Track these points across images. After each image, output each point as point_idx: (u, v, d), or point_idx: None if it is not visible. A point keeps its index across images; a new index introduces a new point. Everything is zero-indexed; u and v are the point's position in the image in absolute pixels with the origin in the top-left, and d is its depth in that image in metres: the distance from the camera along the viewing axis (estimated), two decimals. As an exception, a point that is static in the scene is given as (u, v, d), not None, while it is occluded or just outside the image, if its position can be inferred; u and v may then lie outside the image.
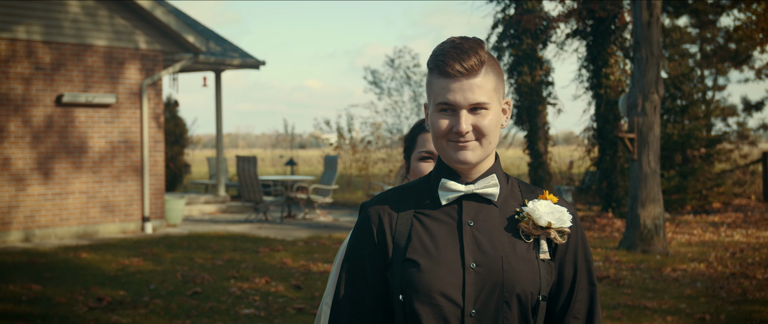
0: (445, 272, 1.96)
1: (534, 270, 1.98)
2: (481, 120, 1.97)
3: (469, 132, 1.97)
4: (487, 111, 1.98)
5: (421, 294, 1.96)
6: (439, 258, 1.98)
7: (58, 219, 13.68)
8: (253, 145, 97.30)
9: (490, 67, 1.99)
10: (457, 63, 1.95)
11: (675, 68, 18.77)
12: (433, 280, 1.96)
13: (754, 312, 8.01)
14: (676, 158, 18.47)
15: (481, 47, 1.98)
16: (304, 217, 17.18)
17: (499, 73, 2.01)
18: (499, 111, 2.02)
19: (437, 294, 1.95)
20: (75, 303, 8.35)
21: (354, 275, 2.08)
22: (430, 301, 1.96)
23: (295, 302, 8.48)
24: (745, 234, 14.06)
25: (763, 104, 27.21)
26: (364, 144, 24.66)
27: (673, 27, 24.27)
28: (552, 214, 2.00)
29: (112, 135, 14.35)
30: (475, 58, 1.95)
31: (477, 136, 1.98)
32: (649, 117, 12.31)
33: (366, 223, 2.08)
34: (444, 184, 2.02)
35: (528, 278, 1.97)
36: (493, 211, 2.02)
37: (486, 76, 1.97)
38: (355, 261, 2.08)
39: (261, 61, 18.46)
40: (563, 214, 2.02)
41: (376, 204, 2.10)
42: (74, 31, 13.78)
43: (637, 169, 12.40)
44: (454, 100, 1.96)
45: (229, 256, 11.45)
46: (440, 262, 1.97)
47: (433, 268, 1.97)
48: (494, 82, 2.00)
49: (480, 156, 1.99)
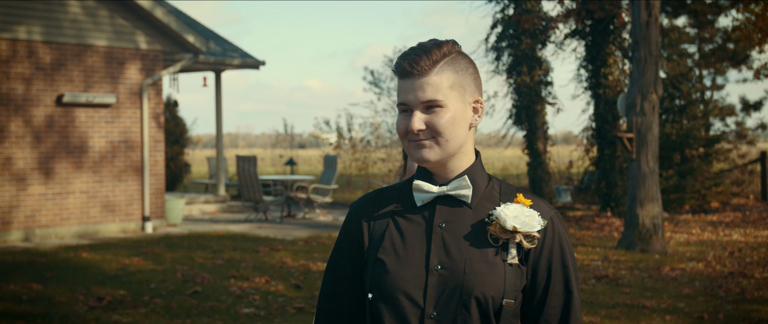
0: (409, 273, 1.99)
1: (499, 274, 1.96)
2: (435, 118, 1.97)
3: (422, 130, 1.98)
4: (442, 109, 1.97)
5: (385, 293, 2.00)
6: (406, 259, 2.00)
7: (59, 219, 13.72)
8: (253, 145, 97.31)
9: (449, 65, 1.99)
10: (406, 62, 1.98)
11: (673, 68, 18.80)
12: (397, 281, 1.99)
13: (752, 311, 8.03)
14: (674, 158, 18.50)
15: (439, 47, 1.99)
16: (303, 216, 17.21)
17: (462, 70, 2.01)
18: (460, 109, 2.00)
19: (400, 294, 1.98)
20: (75, 302, 8.37)
21: (335, 272, 2.13)
22: (393, 301, 1.98)
23: (294, 301, 8.50)
24: (743, 233, 14.09)
25: (762, 104, 27.24)
26: (364, 144, 24.70)
27: (671, 27, 24.29)
28: (518, 218, 1.96)
29: (112, 135, 14.38)
30: (426, 57, 1.97)
31: (432, 134, 1.98)
32: (647, 117, 12.33)
33: (348, 222, 2.13)
34: (417, 185, 2.04)
35: (490, 282, 1.95)
36: (467, 213, 2.02)
37: (440, 74, 1.97)
38: (337, 258, 2.14)
39: (261, 61, 18.50)
40: (533, 218, 1.98)
41: (359, 204, 2.14)
42: (74, 31, 13.82)
43: (635, 168, 12.43)
44: (406, 99, 1.99)
45: (229, 256, 11.47)
46: (406, 263, 2.00)
47: (397, 269, 2.00)
48: (451, 80, 1.99)
49: (439, 155, 1.99)
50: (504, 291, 1.95)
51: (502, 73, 19.56)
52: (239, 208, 18.58)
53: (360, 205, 2.14)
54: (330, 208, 19.58)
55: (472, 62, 2.06)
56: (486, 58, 19.80)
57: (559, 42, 19.17)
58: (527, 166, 19.61)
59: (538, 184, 19.19)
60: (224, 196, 18.81)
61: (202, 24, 19.44)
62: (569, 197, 19.05)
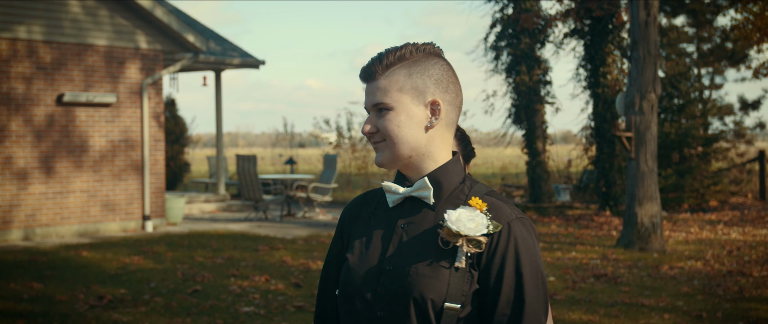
0: (364, 272, 2.03)
1: (442, 277, 1.94)
2: (383, 121, 2.01)
3: (373, 134, 2.03)
4: (389, 111, 2.00)
5: (343, 290, 2.06)
6: (366, 258, 2.04)
7: (59, 218, 13.75)
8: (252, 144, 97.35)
9: (403, 68, 2.01)
10: (362, 68, 2.05)
11: (672, 67, 18.83)
12: (354, 278, 2.04)
13: (750, 309, 8.05)
14: (673, 157, 18.53)
15: (395, 52, 2.02)
16: (303, 215, 17.24)
17: (419, 72, 2.01)
18: (412, 111, 2.00)
19: (354, 292, 2.03)
20: (76, 301, 8.39)
21: (325, 274, 2.20)
22: (348, 298, 2.04)
23: (294, 300, 8.52)
24: (741, 232, 14.12)
25: (760, 103, 27.25)
26: (364, 143, 24.73)
27: (670, 26, 24.33)
28: (461, 221, 1.93)
29: (112, 134, 14.41)
30: (378, 63, 2.01)
31: (382, 137, 2.02)
32: (646, 116, 12.36)
33: (338, 225, 2.21)
34: (386, 186, 2.07)
35: (431, 285, 1.93)
36: (429, 215, 2.02)
37: (390, 78, 2.00)
38: (327, 261, 2.21)
39: (261, 61, 18.52)
40: (477, 222, 1.94)
41: (348, 206, 2.21)
42: (75, 30, 13.85)
43: (634, 167, 12.46)
44: (364, 104, 2.06)
45: (229, 255, 11.50)
46: (365, 262, 2.04)
47: (356, 267, 2.04)
48: (402, 83, 2.00)
49: (389, 157, 2.02)
50: (446, 294, 1.93)
51: (501, 73, 19.59)
52: (239, 207, 18.61)
53: (348, 208, 2.20)
54: (329, 207, 19.61)
55: (439, 63, 2.03)
56: (485, 57, 19.83)
57: (558, 41, 19.20)
58: (526, 165, 19.64)
59: (537, 183, 19.23)
60: (224, 195, 18.84)
61: (201, 23, 19.47)
62: (568, 196, 19.09)
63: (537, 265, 1.98)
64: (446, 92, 2.02)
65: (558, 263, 10.90)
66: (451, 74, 2.04)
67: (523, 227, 1.98)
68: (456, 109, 2.05)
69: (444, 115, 2.02)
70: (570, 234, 14.09)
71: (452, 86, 2.04)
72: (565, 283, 9.45)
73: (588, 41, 18.19)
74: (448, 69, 2.04)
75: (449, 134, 2.05)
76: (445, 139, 2.04)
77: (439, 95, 2.01)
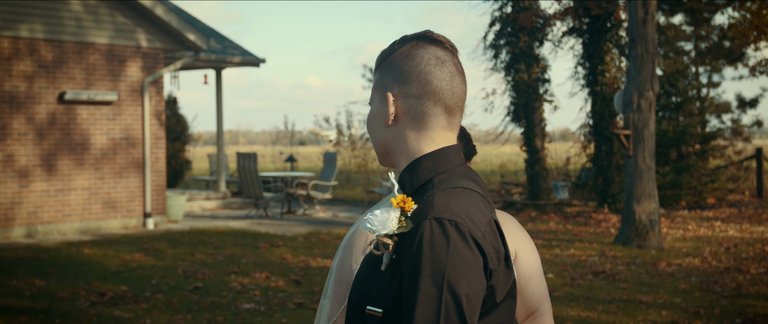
0: None
1: (372, 279, 1.80)
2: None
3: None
4: (370, 107, 1.95)
5: None
6: None
7: (61, 215, 13.81)
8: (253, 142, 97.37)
9: (384, 66, 1.92)
10: None
11: (670, 65, 18.88)
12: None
13: (748, 306, 8.09)
14: (671, 154, 18.58)
15: (381, 53, 1.95)
16: (303, 212, 17.29)
17: (387, 67, 1.90)
18: (376, 108, 1.91)
19: None
20: (77, 298, 8.43)
21: None
22: None
23: (294, 297, 8.56)
24: (739, 229, 14.16)
25: (757, 101, 27.29)
26: (363, 141, 24.78)
27: (668, 25, 24.36)
28: (371, 220, 1.76)
29: (113, 132, 14.47)
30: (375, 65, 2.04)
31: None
32: (644, 114, 12.40)
33: None
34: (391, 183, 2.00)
35: (361, 286, 1.83)
36: None
37: (375, 78, 1.98)
38: None
39: (261, 59, 18.58)
40: (387, 222, 1.75)
41: None
42: (76, 29, 13.91)
43: (632, 165, 12.50)
44: None
45: (229, 252, 11.55)
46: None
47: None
48: (376, 81, 1.94)
49: (376, 154, 1.95)
50: (366, 296, 1.79)
51: (500, 71, 19.65)
52: (239, 204, 18.67)
53: None
54: (329, 204, 19.67)
55: (413, 53, 1.87)
56: (484, 55, 19.88)
57: (556, 40, 19.25)
58: (525, 163, 19.69)
59: (536, 180, 19.29)
60: (225, 192, 18.90)
61: (202, 22, 19.52)
62: (567, 193, 19.14)
63: (437, 275, 1.66)
64: (407, 84, 1.84)
65: (556, 260, 10.96)
66: (425, 63, 1.84)
67: (438, 228, 1.68)
68: (426, 100, 1.83)
69: (405, 108, 1.84)
70: (568, 231, 14.15)
71: (421, 77, 1.83)
72: (563, 280, 9.52)
73: (586, 39, 18.24)
74: (421, 58, 1.85)
75: (425, 128, 1.84)
76: (420, 134, 1.85)
77: (397, 88, 1.85)
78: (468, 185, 1.81)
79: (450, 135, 1.88)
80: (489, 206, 1.83)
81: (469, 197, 1.77)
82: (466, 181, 1.82)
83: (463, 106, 1.89)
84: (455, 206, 1.72)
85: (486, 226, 1.74)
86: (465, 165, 1.89)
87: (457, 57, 1.89)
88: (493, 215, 1.81)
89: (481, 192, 1.84)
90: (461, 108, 1.89)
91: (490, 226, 1.76)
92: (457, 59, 1.89)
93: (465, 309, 1.65)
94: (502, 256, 1.76)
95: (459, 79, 1.87)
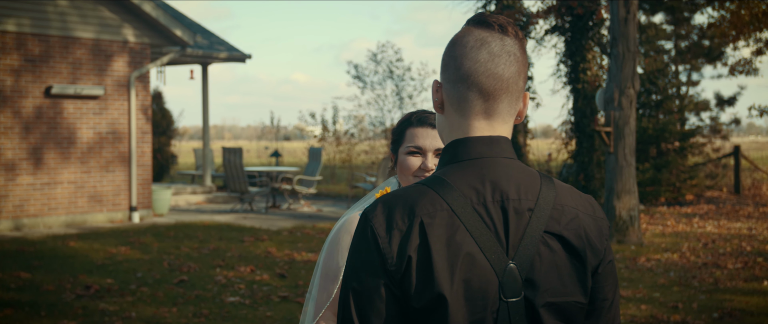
0: None
1: None
2: None
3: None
4: None
5: None
6: None
7: (47, 208, 13.86)
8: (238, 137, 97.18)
9: None
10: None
11: (650, 64, 19.03)
12: None
13: (725, 301, 8.16)
14: (650, 151, 18.72)
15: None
16: (288, 207, 17.37)
17: (442, 58, 1.84)
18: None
19: None
20: (63, 291, 8.45)
21: None
22: None
23: (279, 290, 8.62)
24: (716, 225, 14.27)
25: (735, 99, 27.60)
26: (348, 136, 24.88)
27: (648, 24, 24.52)
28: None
29: (100, 126, 14.52)
30: None
31: None
32: (625, 111, 12.48)
33: None
34: None
35: None
36: None
37: None
38: None
39: (247, 55, 18.65)
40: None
41: None
42: (63, 23, 13.94)
43: (613, 161, 12.59)
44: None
45: (214, 245, 11.59)
46: None
47: None
48: None
49: None
50: None
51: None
52: (225, 198, 18.72)
53: None
54: (314, 199, 19.76)
55: (454, 42, 1.80)
56: (468, 52, 20.01)
57: (539, 38, 19.38)
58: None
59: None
60: (210, 186, 18.95)
61: (189, 18, 19.56)
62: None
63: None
64: (446, 70, 1.77)
65: (536, 255, 11.06)
66: (462, 46, 1.75)
67: (360, 221, 1.69)
68: (459, 85, 1.74)
69: (446, 95, 1.77)
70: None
71: (456, 61, 1.75)
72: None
73: (568, 38, 18.37)
74: (461, 42, 1.76)
75: (463, 115, 1.75)
76: (461, 121, 1.76)
77: (441, 76, 1.80)
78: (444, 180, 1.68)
79: (490, 124, 1.74)
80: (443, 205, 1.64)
81: (416, 192, 1.67)
82: (455, 175, 1.69)
83: (509, 88, 1.73)
84: (387, 198, 1.68)
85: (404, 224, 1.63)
86: (487, 158, 1.72)
87: (508, 37, 1.74)
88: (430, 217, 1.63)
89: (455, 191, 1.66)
90: (507, 90, 1.73)
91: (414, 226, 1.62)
92: (508, 39, 1.74)
93: (352, 303, 1.62)
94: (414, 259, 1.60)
95: (502, 59, 1.72)
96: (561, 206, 1.70)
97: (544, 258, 1.65)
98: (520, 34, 1.78)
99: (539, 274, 1.64)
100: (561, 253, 1.67)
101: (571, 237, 1.68)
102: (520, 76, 1.75)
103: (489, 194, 1.66)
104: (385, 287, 1.61)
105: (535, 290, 1.64)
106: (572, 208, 1.71)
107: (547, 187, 1.71)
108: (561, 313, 1.67)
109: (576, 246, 1.68)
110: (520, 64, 1.74)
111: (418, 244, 1.60)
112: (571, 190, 1.76)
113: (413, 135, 2.59)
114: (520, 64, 1.74)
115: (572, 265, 1.68)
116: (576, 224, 1.70)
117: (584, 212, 1.73)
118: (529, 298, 1.64)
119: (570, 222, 1.69)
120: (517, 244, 1.64)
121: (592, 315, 1.73)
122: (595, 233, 1.72)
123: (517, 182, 1.69)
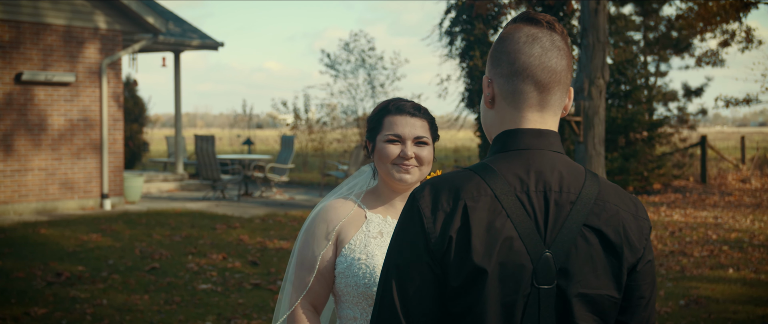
0: None
1: None
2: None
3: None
4: None
5: None
6: None
7: (17, 195, 13.80)
8: (211, 125, 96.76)
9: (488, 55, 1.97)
10: None
11: (620, 55, 19.22)
12: None
13: (691, 288, 8.30)
14: (619, 141, 18.91)
15: None
16: (260, 195, 17.40)
17: (489, 54, 1.91)
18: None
19: None
20: (34, 278, 8.44)
21: None
22: None
23: (251, 278, 8.67)
24: (683, 214, 14.43)
25: (702, 90, 27.95)
26: (320, 125, 24.93)
27: (618, 15, 24.70)
28: None
29: (71, 113, 14.47)
30: None
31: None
32: (594, 101, 12.60)
33: None
34: None
35: None
36: None
37: None
38: None
39: (219, 43, 18.62)
40: None
41: None
42: (34, 9, 13.85)
43: (582, 150, 12.71)
44: None
45: (186, 233, 11.61)
46: None
47: None
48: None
49: None
50: None
51: (455, 58, 19.90)
52: (197, 186, 18.72)
53: None
54: (286, 186, 19.80)
55: (503, 38, 1.88)
56: (440, 42, 20.13)
57: (510, 28, 19.48)
58: (479, 148, 20.00)
59: (490, 165, 19.57)
60: (182, 174, 18.93)
61: (161, 5, 19.48)
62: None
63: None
64: (498, 65, 1.83)
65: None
66: (514, 42, 1.82)
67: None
68: (515, 78, 1.80)
69: (499, 90, 1.83)
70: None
71: (510, 56, 1.81)
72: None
73: (540, 27, 18.49)
74: (512, 38, 1.83)
75: (517, 108, 1.81)
76: (515, 114, 1.81)
77: (492, 71, 1.85)
78: (491, 167, 1.74)
79: (542, 116, 1.81)
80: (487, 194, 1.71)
81: (463, 176, 1.74)
82: (502, 163, 1.75)
83: (560, 81, 1.80)
84: (435, 180, 1.76)
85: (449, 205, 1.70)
86: (534, 150, 1.78)
87: (556, 33, 1.81)
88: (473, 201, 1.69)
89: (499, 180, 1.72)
90: (559, 83, 1.80)
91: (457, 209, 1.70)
92: (556, 35, 1.81)
93: (393, 278, 1.70)
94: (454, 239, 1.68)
95: (554, 53, 1.79)
96: (603, 202, 1.75)
97: (581, 250, 1.70)
98: (565, 31, 1.85)
99: (574, 265, 1.69)
100: (597, 247, 1.71)
101: (610, 232, 1.72)
102: (569, 70, 1.82)
103: (533, 184, 1.72)
104: (426, 265, 1.68)
105: (568, 280, 1.69)
106: (613, 205, 1.75)
107: (592, 182, 1.76)
108: (593, 305, 1.71)
109: (613, 241, 1.72)
110: (569, 58, 1.82)
111: (460, 226, 1.67)
112: (617, 188, 1.80)
113: (392, 123, 2.62)
114: (569, 58, 1.82)
115: (607, 260, 1.72)
116: (616, 221, 1.74)
117: (626, 211, 1.77)
118: (562, 288, 1.69)
119: (610, 218, 1.73)
120: (556, 235, 1.69)
121: (627, 311, 1.79)
122: (634, 232, 1.76)
123: (561, 175, 1.74)
